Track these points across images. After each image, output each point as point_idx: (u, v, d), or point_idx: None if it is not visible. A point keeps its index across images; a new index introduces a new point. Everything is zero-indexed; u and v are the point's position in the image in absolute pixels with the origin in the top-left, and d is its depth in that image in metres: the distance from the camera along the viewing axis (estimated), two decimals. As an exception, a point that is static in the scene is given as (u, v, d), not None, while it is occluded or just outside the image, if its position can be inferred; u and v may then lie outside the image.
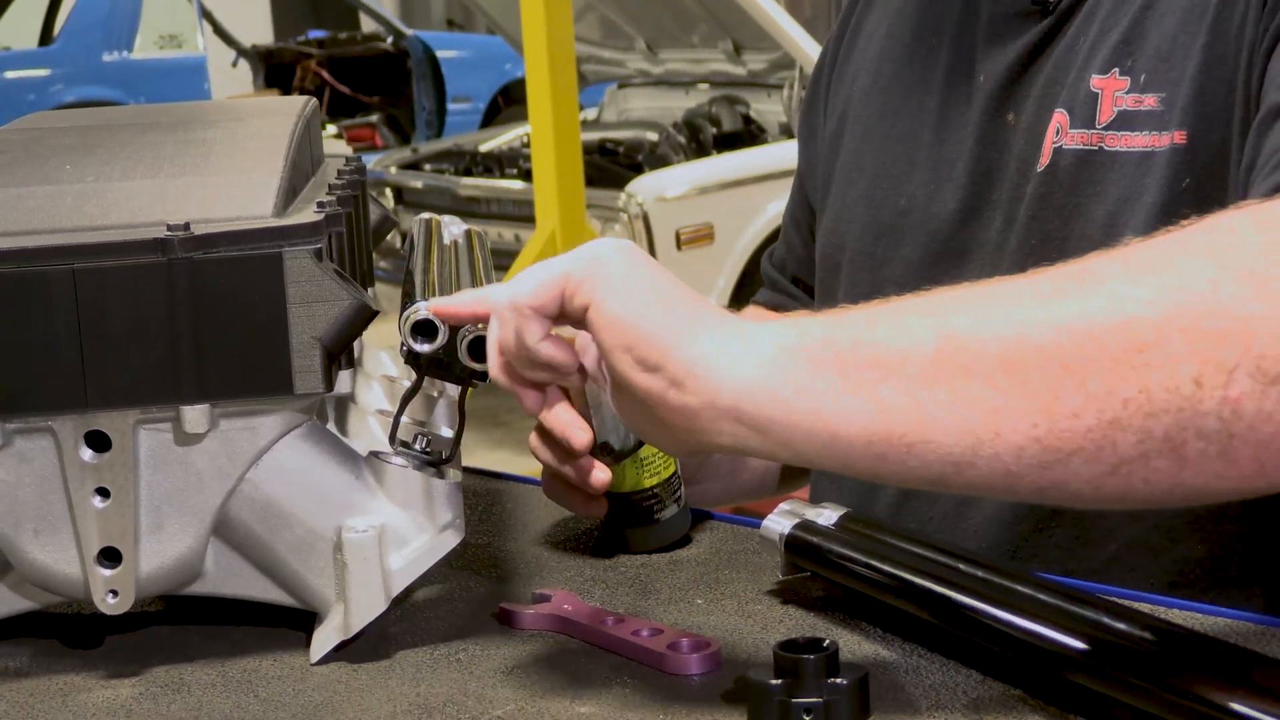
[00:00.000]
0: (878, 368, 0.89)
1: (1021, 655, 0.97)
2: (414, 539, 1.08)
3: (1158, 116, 1.16)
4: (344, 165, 1.29)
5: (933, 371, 0.89)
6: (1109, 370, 0.86)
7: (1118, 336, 0.86)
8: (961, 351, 0.88)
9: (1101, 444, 0.86)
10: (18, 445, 1.04)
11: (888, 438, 0.89)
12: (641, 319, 0.94)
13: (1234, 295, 0.85)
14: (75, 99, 10.34)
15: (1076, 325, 0.87)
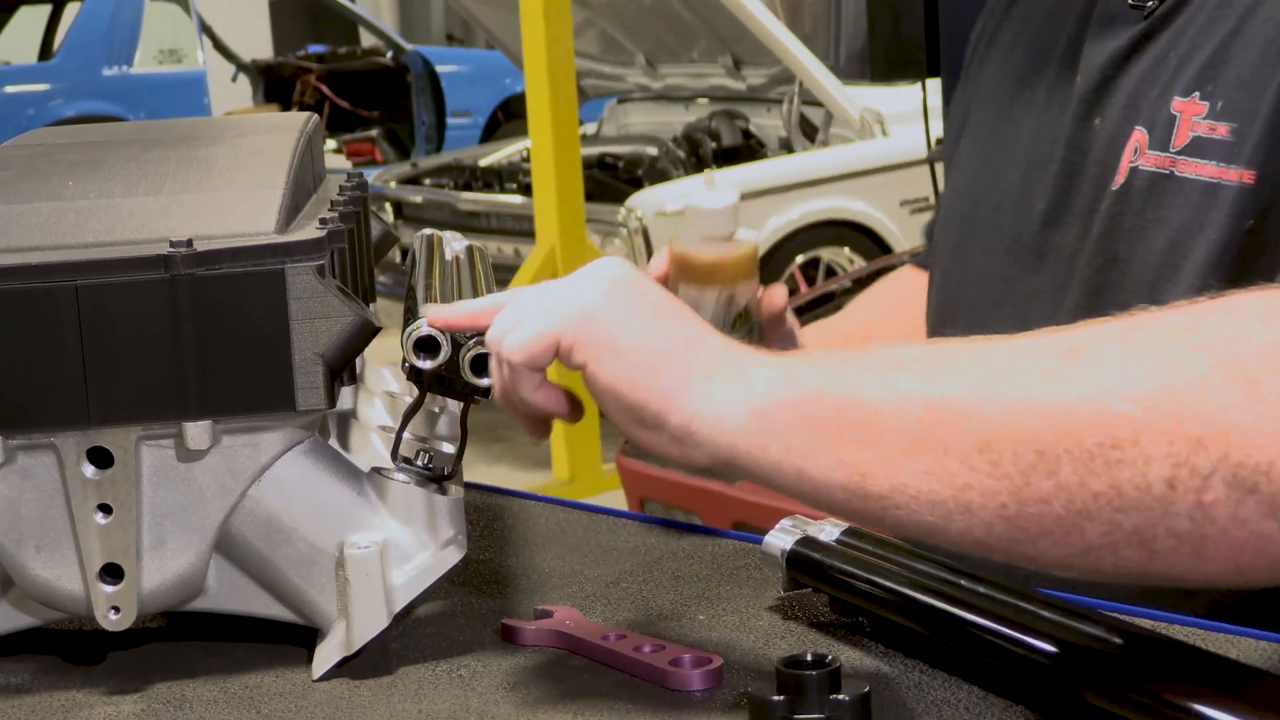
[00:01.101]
0: (861, 430, 0.92)
1: (1024, 671, 0.97)
2: (416, 555, 1.08)
3: (1228, 148, 1.12)
4: (346, 181, 1.29)
5: (913, 444, 0.91)
6: (1082, 463, 0.87)
7: (1095, 431, 0.87)
8: (943, 426, 0.90)
9: (1070, 530, 0.88)
10: (20, 461, 1.04)
11: (865, 497, 0.92)
12: (636, 386, 0.97)
13: (1221, 399, 0.85)
14: (75, 114, 10.34)
15: (1057, 414, 0.88)
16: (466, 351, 1.05)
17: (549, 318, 1.00)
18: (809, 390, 0.94)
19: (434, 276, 1.24)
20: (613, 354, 0.98)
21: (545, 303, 1.01)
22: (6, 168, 1.22)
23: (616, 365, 0.98)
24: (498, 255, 5.95)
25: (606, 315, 0.99)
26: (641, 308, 1.00)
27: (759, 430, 0.94)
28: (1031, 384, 0.89)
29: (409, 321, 1.06)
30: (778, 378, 0.95)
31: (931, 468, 0.90)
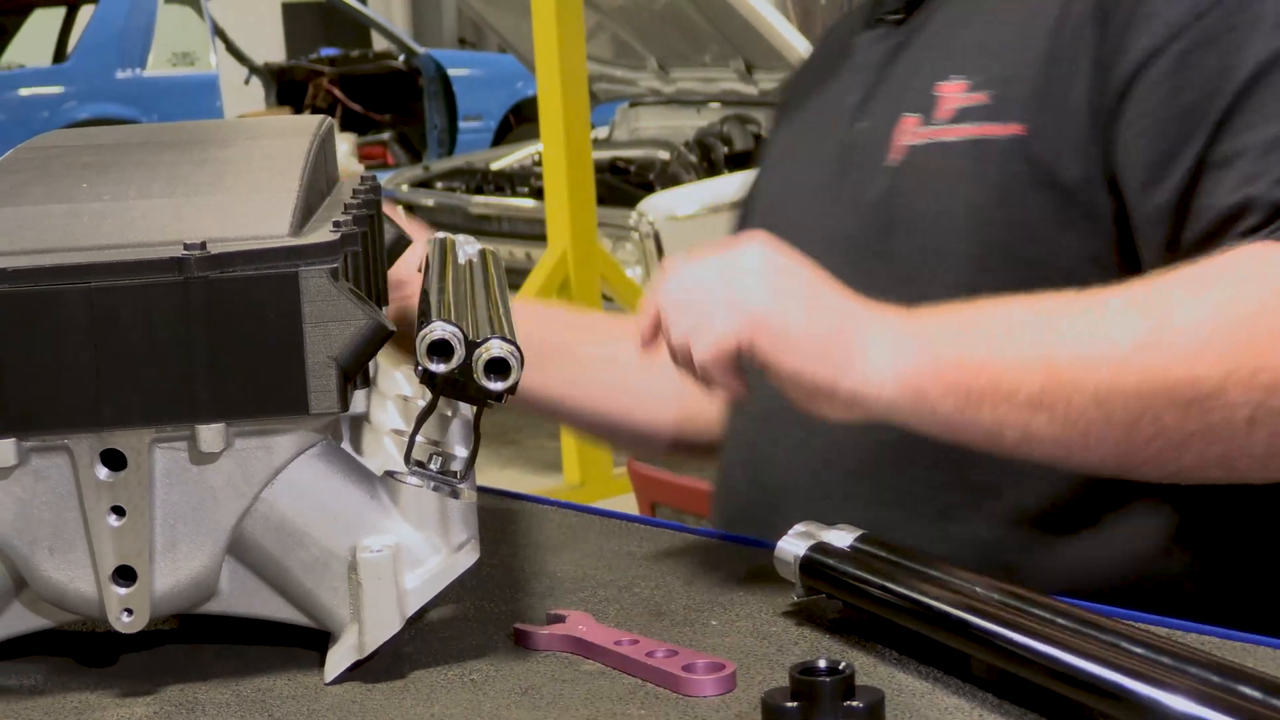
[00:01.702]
0: (995, 392, 1.14)
1: (1039, 678, 0.97)
2: (429, 559, 1.08)
3: (989, 110, 1.32)
4: (359, 184, 1.29)
5: (1039, 399, 1.14)
6: (1180, 411, 1.12)
7: (1188, 388, 1.12)
8: (1064, 385, 1.13)
9: (1167, 460, 1.15)
10: (34, 463, 1.04)
11: (1000, 443, 1.17)
12: (810, 368, 1.15)
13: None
14: (89, 116, 10.36)
15: (1156, 374, 1.12)
16: (480, 355, 1.05)
17: (726, 324, 1.16)
18: (948, 359, 1.15)
19: (447, 280, 1.24)
20: (786, 346, 1.15)
21: (717, 307, 1.17)
22: (20, 170, 1.22)
23: (791, 354, 1.15)
24: (509, 259, 5.95)
25: (772, 311, 1.16)
26: (798, 293, 1.17)
27: (910, 396, 1.15)
28: (1128, 350, 1.13)
29: (422, 325, 1.06)
30: (921, 347, 1.16)
31: (1055, 417, 1.14)
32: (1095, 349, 1.13)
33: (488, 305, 1.19)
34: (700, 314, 1.17)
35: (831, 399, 1.16)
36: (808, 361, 1.15)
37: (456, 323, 1.06)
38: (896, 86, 1.41)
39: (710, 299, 1.18)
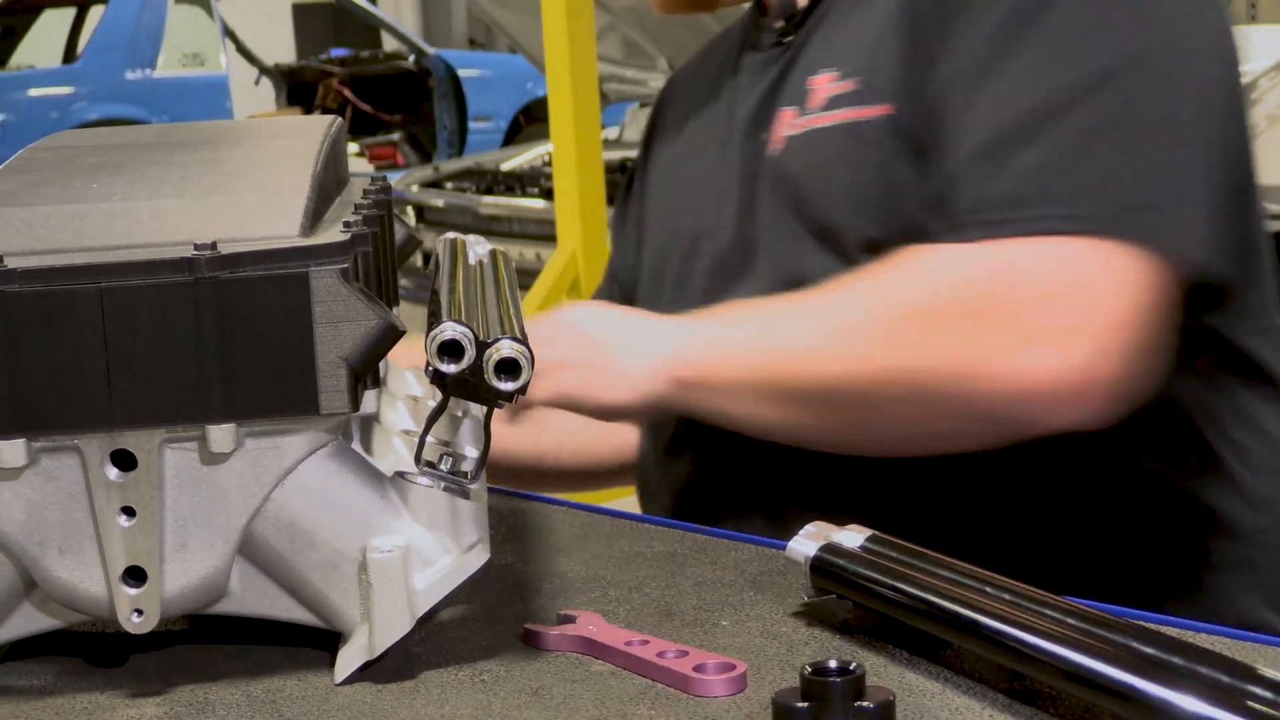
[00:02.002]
0: (723, 388, 1.38)
1: (1049, 678, 0.97)
2: (439, 559, 1.08)
3: (858, 95, 1.43)
4: (370, 185, 1.29)
5: (753, 394, 1.37)
6: (837, 406, 1.34)
7: (841, 386, 1.34)
8: (764, 382, 1.36)
9: (859, 443, 1.38)
10: (44, 464, 1.04)
11: (756, 429, 1.40)
12: (579, 397, 1.42)
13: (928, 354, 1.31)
14: (98, 117, 10.38)
15: (818, 374, 1.34)
16: (491, 356, 1.05)
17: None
18: (682, 365, 1.38)
19: (457, 280, 1.24)
20: (555, 383, 1.41)
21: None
22: (31, 170, 1.22)
23: (561, 388, 1.42)
24: (519, 260, 5.95)
25: (546, 360, 1.26)
26: (566, 336, 1.43)
27: (657, 399, 1.40)
28: (800, 351, 1.35)
29: (433, 325, 1.06)
30: (665, 356, 1.39)
31: (771, 411, 1.37)
32: (790, 353, 1.35)
33: (498, 306, 1.19)
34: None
35: (606, 412, 1.43)
36: (575, 389, 1.41)
37: (467, 323, 1.06)
38: (783, 92, 1.53)
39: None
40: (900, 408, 1.33)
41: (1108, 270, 1.27)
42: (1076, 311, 1.27)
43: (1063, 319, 1.26)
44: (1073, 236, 1.28)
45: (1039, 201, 1.30)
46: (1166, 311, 1.29)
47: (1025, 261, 1.29)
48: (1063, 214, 1.29)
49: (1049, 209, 1.30)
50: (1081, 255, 1.28)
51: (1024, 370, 1.26)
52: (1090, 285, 1.27)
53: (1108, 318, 1.26)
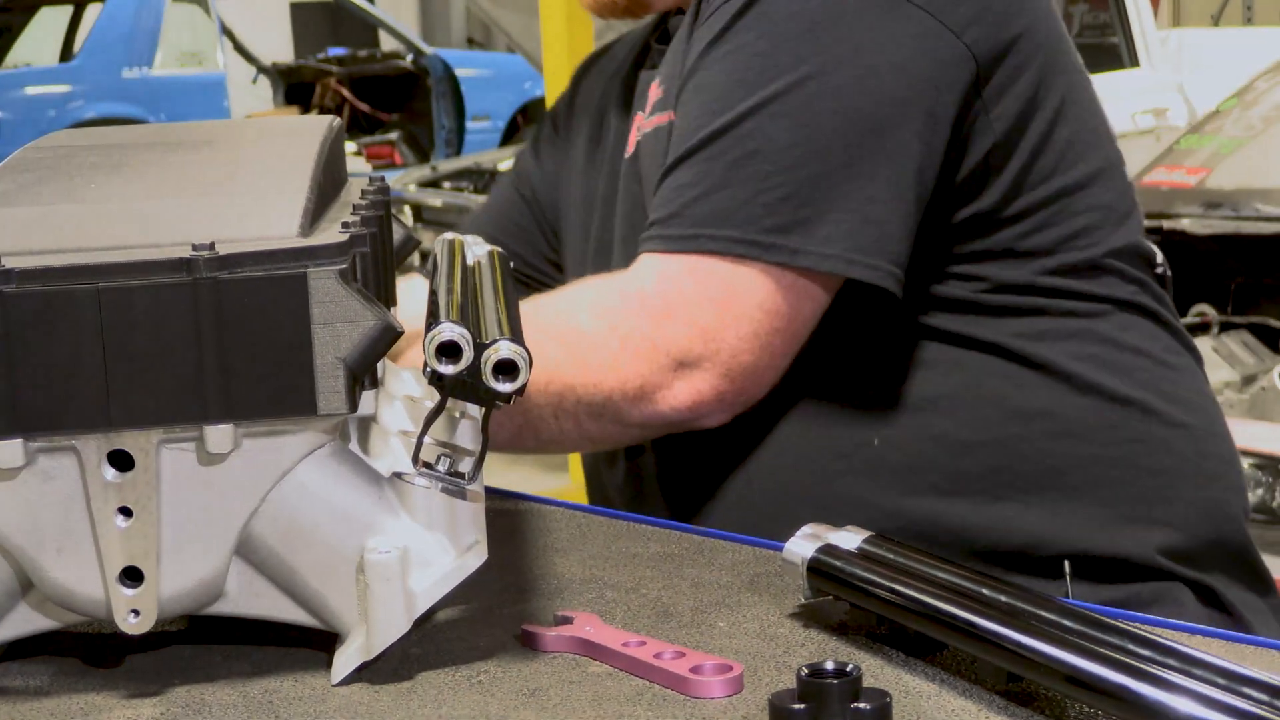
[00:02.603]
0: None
1: (1046, 680, 0.97)
2: (437, 560, 1.08)
3: (662, 101, 1.56)
4: (368, 185, 1.29)
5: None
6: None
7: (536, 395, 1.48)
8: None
9: (524, 445, 1.54)
10: (41, 464, 1.04)
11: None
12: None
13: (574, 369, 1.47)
14: (96, 115, 10.37)
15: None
16: (489, 357, 1.05)
17: None
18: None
19: (455, 281, 1.24)
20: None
21: None
22: (29, 170, 1.22)
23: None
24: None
25: None
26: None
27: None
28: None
29: (431, 326, 1.06)
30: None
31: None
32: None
33: (496, 307, 1.19)
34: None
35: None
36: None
37: (465, 324, 1.06)
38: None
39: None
40: (553, 415, 1.48)
41: (739, 292, 1.43)
42: (705, 337, 1.43)
43: (694, 344, 1.43)
44: (712, 257, 1.43)
45: (684, 220, 1.44)
46: (803, 324, 1.46)
47: (666, 285, 1.44)
48: (704, 233, 1.43)
49: (691, 228, 1.43)
50: (716, 278, 1.43)
51: (663, 394, 1.45)
52: (721, 309, 1.43)
53: (733, 341, 1.44)
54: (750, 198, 1.43)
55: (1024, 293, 1.53)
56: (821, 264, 1.43)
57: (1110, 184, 1.57)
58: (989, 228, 1.51)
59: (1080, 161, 1.54)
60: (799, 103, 1.43)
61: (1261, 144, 4.73)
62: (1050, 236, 1.53)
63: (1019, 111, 1.49)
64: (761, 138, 1.43)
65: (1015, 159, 1.50)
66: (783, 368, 1.48)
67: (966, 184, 1.50)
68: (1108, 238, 1.55)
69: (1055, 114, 1.52)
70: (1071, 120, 1.53)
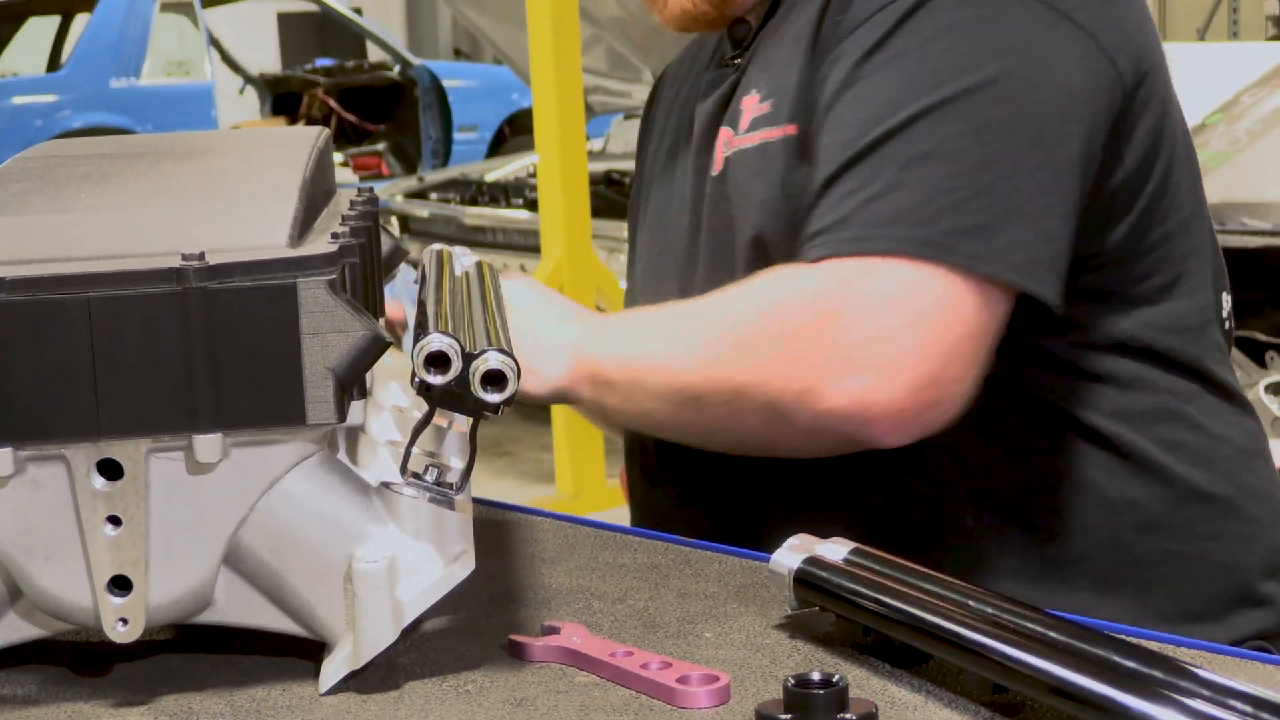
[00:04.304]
0: (612, 391, 1.47)
1: (1031, 691, 0.97)
2: (424, 570, 1.08)
3: (769, 116, 1.49)
4: (357, 196, 1.29)
5: (628, 395, 1.46)
6: (687, 409, 1.44)
7: (682, 393, 1.43)
8: (635, 384, 1.45)
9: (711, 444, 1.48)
10: (30, 472, 1.04)
11: (657, 431, 1.53)
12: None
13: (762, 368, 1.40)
14: (83, 125, 10.34)
15: (666, 380, 1.43)
16: (477, 368, 1.06)
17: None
18: (583, 366, 1.47)
19: (444, 292, 1.24)
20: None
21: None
22: (19, 179, 1.23)
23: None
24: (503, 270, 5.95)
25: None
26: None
27: (565, 396, 1.49)
28: (657, 357, 1.44)
29: (419, 337, 1.06)
30: (570, 357, 1.47)
31: (652, 412, 1.47)
32: (649, 353, 1.45)
33: (485, 317, 1.20)
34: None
35: (536, 397, 1.49)
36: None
37: (454, 335, 1.06)
38: (729, 114, 1.58)
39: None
40: (728, 414, 1.41)
41: (921, 296, 1.34)
42: (883, 340, 1.33)
43: (870, 347, 1.33)
44: (891, 259, 1.34)
45: (860, 222, 1.36)
46: (986, 333, 1.36)
47: (843, 285, 1.35)
48: (882, 236, 1.35)
49: (868, 230, 1.36)
50: (897, 281, 1.34)
51: (830, 395, 1.33)
52: (902, 312, 1.34)
53: (913, 346, 1.33)
54: (926, 199, 1.36)
55: (1125, 352, 1.47)
56: (1005, 272, 1.35)
57: (1203, 227, 1.53)
58: (1107, 266, 1.46)
59: (1186, 202, 1.50)
60: (971, 108, 1.37)
61: (1247, 158, 4.73)
62: (1157, 283, 1.47)
63: (1148, 145, 1.44)
64: (934, 140, 1.37)
65: (1142, 197, 1.45)
66: (972, 384, 1.36)
67: (1100, 214, 1.43)
68: (1203, 287, 1.51)
69: (1172, 152, 1.47)
70: (1180, 160, 1.49)
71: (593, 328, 1.52)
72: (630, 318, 1.59)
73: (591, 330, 1.51)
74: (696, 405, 1.42)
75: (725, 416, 1.42)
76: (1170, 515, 1.48)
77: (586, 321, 1.54)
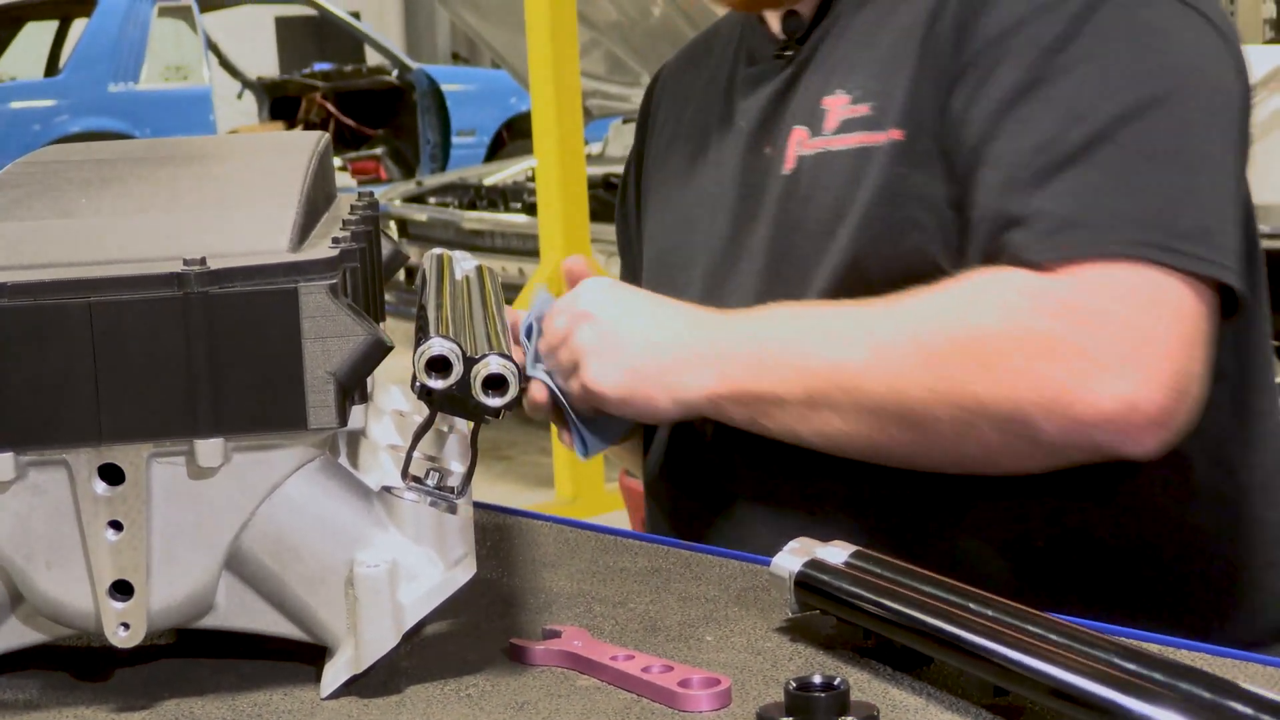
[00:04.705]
0: (773, 400, 1.37)
1: (1032, 694, 0.97)
2: (425, 574, 1.08)
3: (871, 120, 1.44)
4: (357, 201, 1.29)
5: (805, 407, 1.36)
6: (899, 424, 1.34)
7: (900, 406, 1.33)
8: (819, 394, 1.35)
9: (918, 459, 1.37)
10: (32, 477, 1.04)
11: (800, 440, 1.38)
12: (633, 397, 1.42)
13: (987, 379, 1.30)
14: (81, 129, 10.35)
15: (879, 391, 1.33)
16: (478, 372, 1.06)
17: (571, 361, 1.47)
18: (734, 373, 1.38)
19: (444, 296, 1.24)
20: (612, 377, 1.43)
21: (563, 348, 1.46)
22: (20, 185, 1.23)
23: (615, 384, 1.43)
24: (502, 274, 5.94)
25: (596, 347, 1.44)
26: (617, 326, 1.44)
27: (711, 407, 1.41)
28: (861, 366, 1.34)
29: (420, 341, 1.06)
30: (716, 363, 1.39)
31: (823, 423, 1.36)
32: (838, 366, 1.35)
33: (485, 321, 1.20)
34: (559, 353, 1.46)
35: (658, 410, 1.41)
36: (628, 384, 1.41)
37: (455, 339, 1.06)
38: (792, 108, 1.53)
39: (560, 340, 1.46)
40: (955, 430, 1.31)
41: (1163, 299, 1.28)
42: (1138, 342, 1.27)
43: (1126, 350, 1.27)
44: (1127, 262, 1.29)
45: (1090, 225, 1.31)
46: (1211, 337, 1.31)
47: (1085, 290, 1.29)
48: (1116, 239, 1.30)
49: (1101, 233, 1.30)
50: (1138, 283, 1.29)
51: (1087, 402, 1.26)
52: (1150, 315, 1.28)
53: (1166, 348, 1.27)
54: (1151, 202, 1.32)
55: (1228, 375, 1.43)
56: (1227, 276, 1.31)
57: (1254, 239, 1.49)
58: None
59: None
60: (1174, 110, 1.35)
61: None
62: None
63: (1246, 156, 1.42)
64: (1145, 143, 1.33)
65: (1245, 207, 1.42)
66: (1204, 396, 1.31)
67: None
68: (1262, 303, 1.49)
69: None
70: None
71: (739, 333, 1.42)
72: (791, 321, 1.41)
73: (739, 336, 1.41)
74: (917, 423, 1.33)
75: (953, 434, 1.32)
76: (1232, 540, 1.46)
77: (725, 325, 1.43)
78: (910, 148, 1.41)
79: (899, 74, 1.43)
